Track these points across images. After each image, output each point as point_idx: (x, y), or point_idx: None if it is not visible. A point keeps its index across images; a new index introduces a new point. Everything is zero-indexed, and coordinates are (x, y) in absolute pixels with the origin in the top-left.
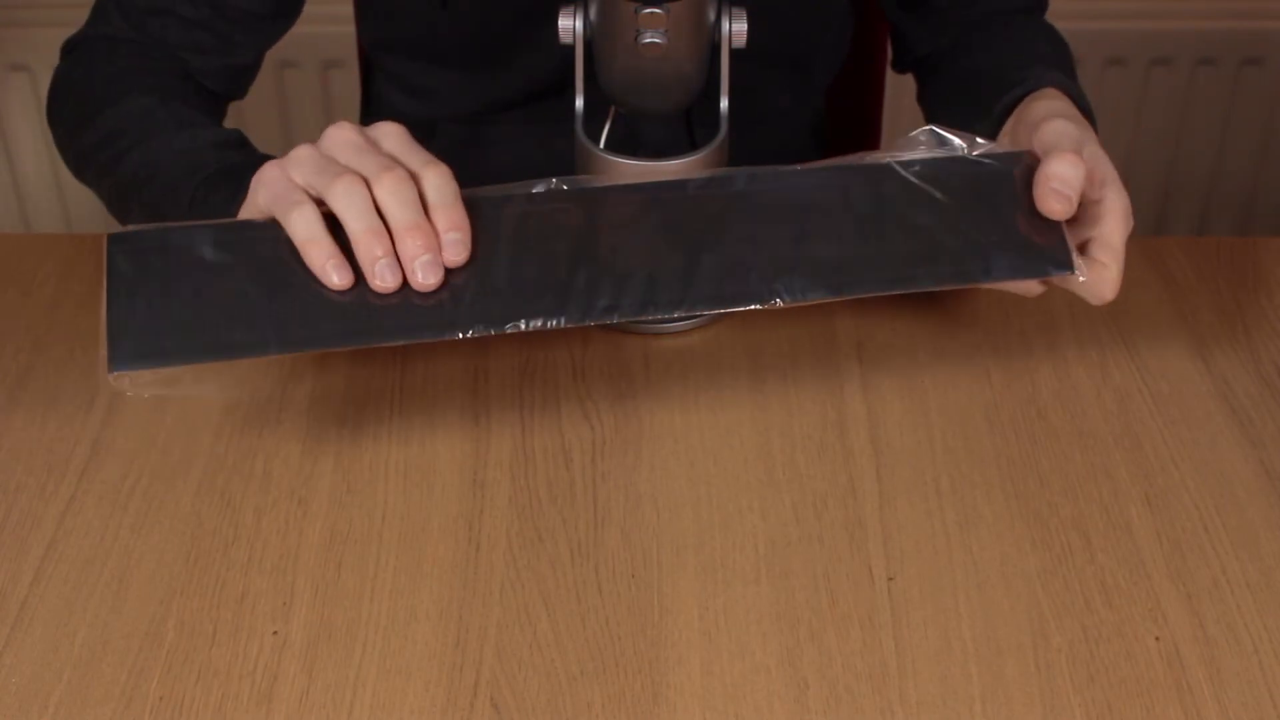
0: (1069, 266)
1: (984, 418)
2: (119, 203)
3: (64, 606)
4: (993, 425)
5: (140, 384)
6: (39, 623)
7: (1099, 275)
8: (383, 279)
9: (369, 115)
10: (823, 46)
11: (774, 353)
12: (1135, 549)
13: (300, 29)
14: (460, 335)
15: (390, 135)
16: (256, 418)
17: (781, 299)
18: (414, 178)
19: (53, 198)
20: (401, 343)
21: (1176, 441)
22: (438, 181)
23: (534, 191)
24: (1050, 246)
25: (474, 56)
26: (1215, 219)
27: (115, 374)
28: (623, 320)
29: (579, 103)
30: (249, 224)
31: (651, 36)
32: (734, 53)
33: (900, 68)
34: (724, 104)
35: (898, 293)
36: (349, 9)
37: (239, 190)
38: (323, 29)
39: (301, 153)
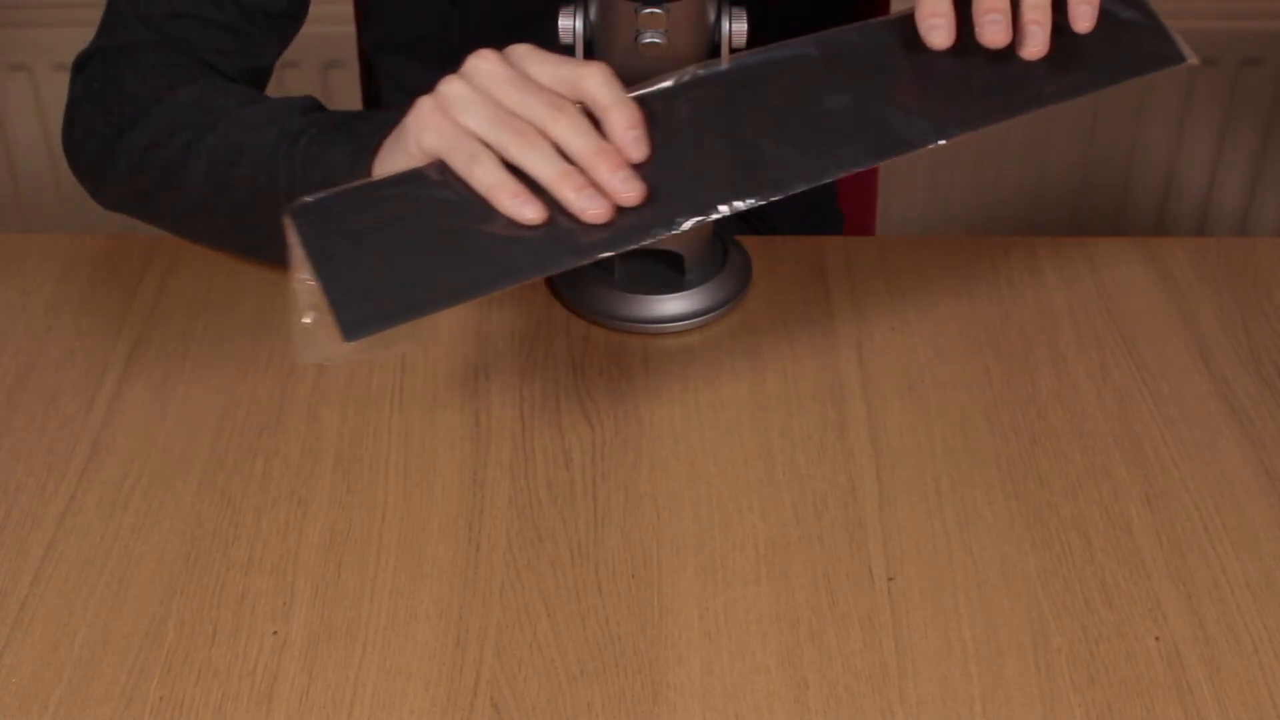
0: (1181, 57)
1: (984, 418)
2: (198, 195)
3: (64, 606)
4: (993, 425)
5: (358, 349)
6: (39, 623)
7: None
8: (594, 209)
9: None
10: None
11: (774, 353)
12: (1135, 549)
13: (300, 29)
14: (670, 231)
15: (531, 58)
16: (256, 418)
17: (944, 139)
18: (575, 92)
19: (53, 198)
20: (616, 252)
21: (1176, 441)
22: (601, 81)
23: (682, 81)
24: (1154, 40)
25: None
26: (1215, 219)
27: (348, 342)
28: (817, 183)
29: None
30: (418, 174)
31: (651, 36)
32: (736, 52)
33: None
34: None
35: (1034, 111)
36: (349, 9)
37: (361, 144)
38: (323, 29)
39: (460, 92)
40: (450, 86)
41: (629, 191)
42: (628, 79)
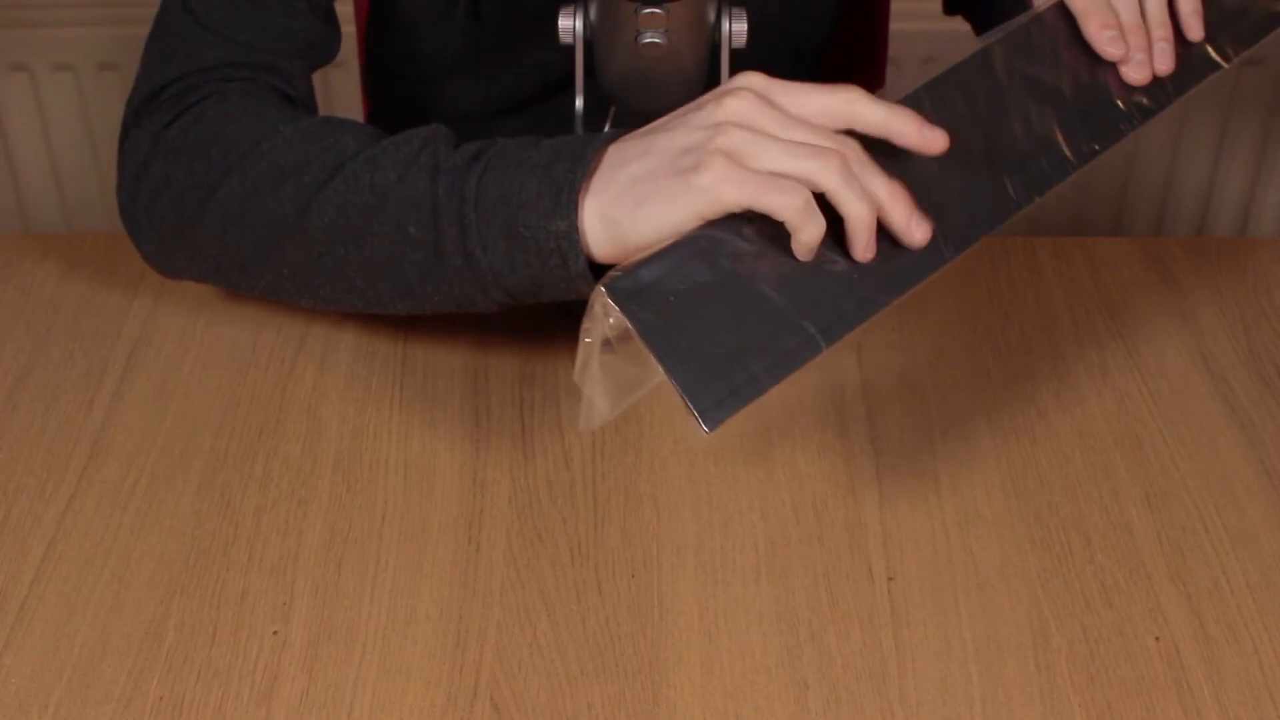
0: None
1: (984, 418)
2: (321, 250)
3: (64, 606)
4: (993, 425)
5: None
6: (39, 623)
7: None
8: (921, 233)
9: (370, 117)
10: (822, 23)
11: None
12: (1135, 549)
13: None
14: (1019, 207)
15: (785, 93)
16: (256, 418)
17: (1133, 125)
18: (846, 119)
19: (53, 198)
20: (927, 278)
21: (1176, 441)
22: (867, 101)
23: (921, 90)
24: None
25: (482, 59)
26: (1215, 219)
27: (713, 427)
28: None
29: (579, 103)
30: (713, 229)
31: (651, 36)
32: (736, 54)
33: (950, 9)
34: None
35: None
36: (349, 9)
37: (559, 188)
38: None
39: (742, 139)
40: (726, 138)
41: (921, 231)
42: (628, 79)
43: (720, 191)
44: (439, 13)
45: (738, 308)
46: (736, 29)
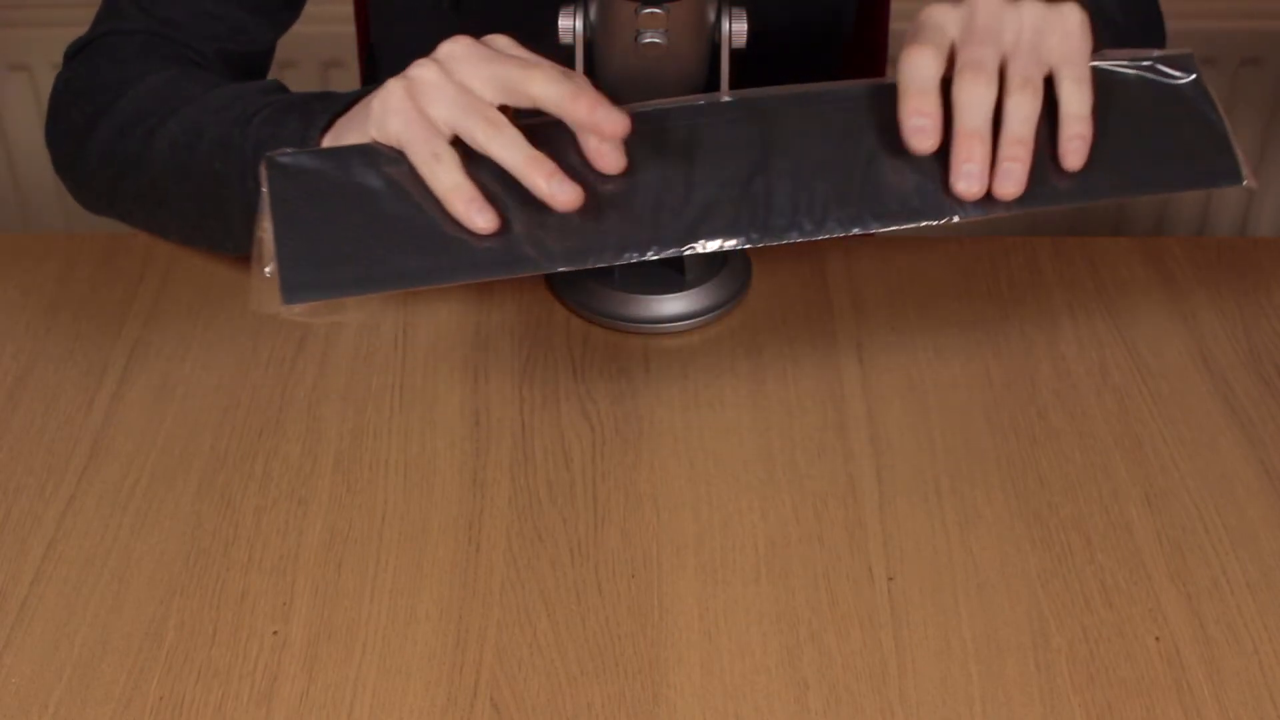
0: (1237, 176)
1: (984, 418)
2: (160, 184)
3: (64, 606)
4: (993, 425)
5: (305, 311)
6: (39, 623)
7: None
8: (564, 195)
9: None
10: (832, 31)
11: (774, 353)
12: (1135, 549)
13: (300, 29)
14: (636, 257)
15: (511, 46)
16: (256, 418)
17: (960, 216)
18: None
19: (53, 198)
20: (573, 268)
21: (1176, 441)
22: (547, 90)
23: (699, 104)
24: (1212, 149)
25: None
26: (1215, 219)
27: (288, 305)
28: (801, 239)
29: None
30: (394, 150)
31: (651, 36)
32: (736, 53)
33: None
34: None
35: (1078, 205)
36: (349, 9)
37: (311, 121)
38: (323, 29)
39: (430, 78)
40: (422, 70)
41: (612, 166)
42: (628, 79)
43: (385, 120)
44: (428, 12)
45: (379, 217)
46: (736, 29)
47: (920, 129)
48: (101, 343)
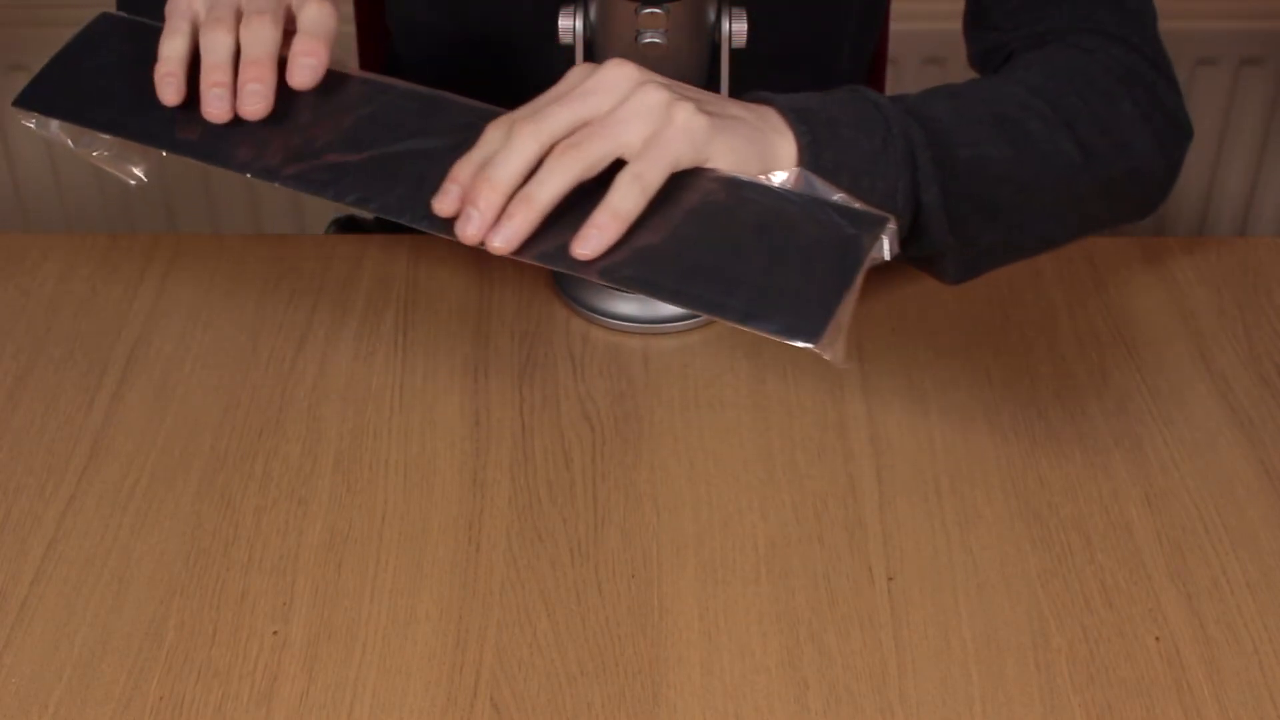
0: (814, 338)
1: (984, 418)
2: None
3: (64, 606)
4: (993, 425)
5: (44, 125)
6: (39, 623)
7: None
8: (212, 109)
9: None
10: (844, 43)
11: (774, 353)
12: (1135, 549)
13: None
14: (279, 183)
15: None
16: (256, 418)
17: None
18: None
19: (53, 198)
20: (232, 170)
21: (1176, 441)
22: (313, 15)
23: (407, 88)
24: (809, 309)
25: (484, 63)
26: (1215, 219)
27: (14, 106)
28: (387, 215)
29: None
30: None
31: (651, 36)
32: (736, 54)
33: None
34: None
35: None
36: (348, 9)
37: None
38: None
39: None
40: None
41: (250, 104)
42: None
43: None
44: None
45: (127, 75)
46: (736, 29)
47: (443, 192)
48: (101, 343)
